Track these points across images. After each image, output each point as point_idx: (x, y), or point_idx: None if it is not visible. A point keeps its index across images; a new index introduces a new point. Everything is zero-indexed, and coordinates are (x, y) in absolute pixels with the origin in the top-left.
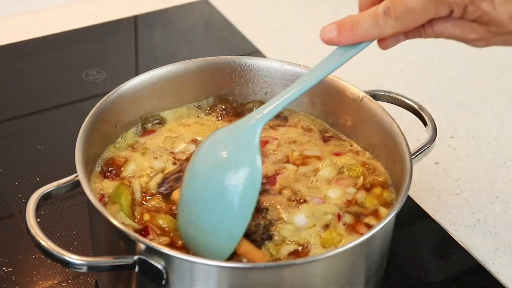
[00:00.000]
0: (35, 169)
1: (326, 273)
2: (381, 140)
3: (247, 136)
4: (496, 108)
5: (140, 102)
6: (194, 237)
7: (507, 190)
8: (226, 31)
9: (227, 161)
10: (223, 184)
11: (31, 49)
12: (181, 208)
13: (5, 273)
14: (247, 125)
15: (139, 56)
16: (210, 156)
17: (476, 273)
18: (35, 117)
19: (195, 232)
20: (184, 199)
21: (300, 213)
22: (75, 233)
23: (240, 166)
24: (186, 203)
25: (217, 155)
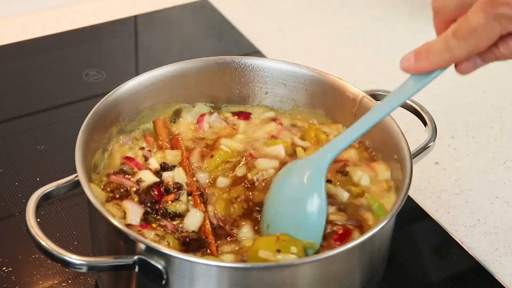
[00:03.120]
0: (35, 169)
1: (326, 273)
2: (381, 140)
3: (315, 170)
4: (496, 108)
5: (140, 102)
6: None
7: (507, 190)
8: (226, 31)
9: (296, 195)
10: (295, 215)
11: (31, 49)
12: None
13: (5, 273)
14: (315, 160)
15: (139, 56)
16: (283, 189)
17: (476, 273)
18: (35, 117)
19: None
20: (265, 226)
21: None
22: (75, 233)
23: (308, 199)
24: (267, 230)
25: (288, 189)
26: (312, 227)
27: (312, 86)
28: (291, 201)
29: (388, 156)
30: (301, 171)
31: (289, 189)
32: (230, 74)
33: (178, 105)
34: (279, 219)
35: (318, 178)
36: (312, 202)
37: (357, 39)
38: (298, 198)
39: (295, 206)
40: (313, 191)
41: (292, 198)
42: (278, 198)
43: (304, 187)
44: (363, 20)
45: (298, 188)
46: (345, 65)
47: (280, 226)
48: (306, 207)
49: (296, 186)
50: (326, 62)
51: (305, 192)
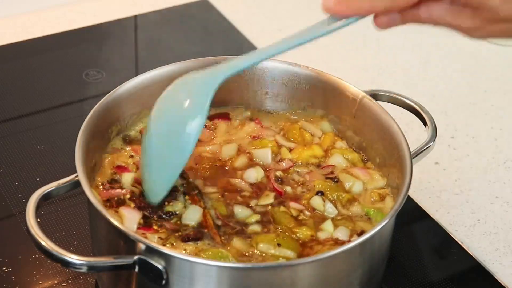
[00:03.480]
0: (35, 169)
1: (326, 273)
2: (381, 140)
3: (201, 90)
4: (496, 108)
5: (140, 102)
6: (145, 170)
7: (507, 190)
8: (226, 31)
9: (180, 109)
10: (173, 127)
11: (31, 49)
12: (143, 140)
13: (5, 273)
14: (205, 79)
15: (139, 56)
16: (169, 101)
17: (476, 273)
18: (35, 117)
19: (147, 165)
20: (145, 134)
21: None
22: (75, 233)
23: (189, 116)
24: (145, 137)
25: (174, 101)
26: (184, 146)
27: (312, 86)
28: (174, 114)
29: (388, 156)
30: (191, 85)
31: (175, 102)
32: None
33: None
34: (157, 129)
35: (204, 96)
36: (193, 121)
37: (357, 39)
38: (181, 113)
39: (176, 120)
40: (195, 113)
41: (174, 112)
42: (162, 108)
43: (189, 104)
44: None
45: (183, 103)
46: (345, 65)
47: (159, 135)
48: (186, 123)
49: (182, 100)
50: (326, 62)
51: (188, 109)
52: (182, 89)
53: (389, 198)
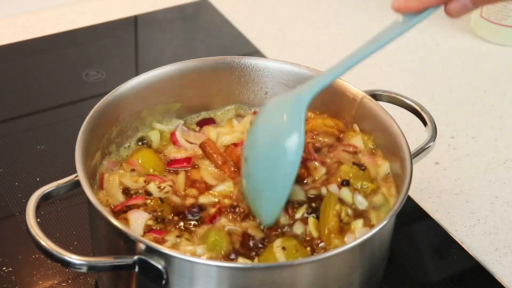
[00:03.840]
0: (35, 169)
1: (326, 273)
2: (381, 140)
3: (295, 107)
4: (496, 108)
5: (140, 102)
6: (250, 194)
7: (507, 190)
8: (226, 31)
9: (276, 129)
10: (273, 149)
11: (31, 49)
12: (243, 168)
13: (5, 273)
14: (295, 98)
15: (139, 56)
16: (264, 124)
17: (476, 273)
18: (35, 117)
19: (251, 190)
20: (244, 158)
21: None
22: (75, 233)
23: (287, 134)
24: (245, 163)
25: (268, 123)
26: (288, 164)
27: None
28: (270, 136)
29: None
30: (282, 107)
31: (270, 124)
32: (230, 74)
33: (178, 105)
34: (257, 153)
35: (298, 115)
36: (291, 139)
37: (357, 39)
38: (277, 134)
39: (274, 141)
40: (292, 128)
41: (271, 133)
42: (259, 132)
43: (284, 124)
44: (363, 20)
45: (278, 124)
46: None
47: (258, 160)
48: (284, 143)
49: (276, 122)
50: (326, 62)
51: (284, 129)
52: (275, 112)
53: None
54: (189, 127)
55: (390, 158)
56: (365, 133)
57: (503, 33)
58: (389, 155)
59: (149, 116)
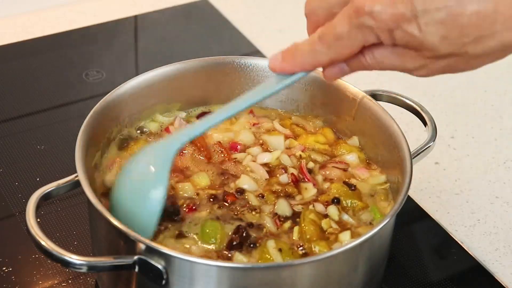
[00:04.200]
0: (35, 169)
1: (326, 273)
2: (381, 140)
3: (162, 158)
4: (496, 108)
5: (140, 102)
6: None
7: (507, 190)
8: (226, 31)
9: (142, 183)
10: (137, 197)
11: (31, 49)
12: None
13: (5, 273)
14: (162, 147)
15: (139, 56)
16: (131, 175)
17: (476, 273)
18: (35, 117)
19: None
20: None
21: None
22: (75, 233)
23: (152, 188)
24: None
25: (137, 172)
26: (150, 213)
27: (312, 86)
28: (137, 187)
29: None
30: (149, 158)
31: (136, 173)
32: (230, 74)
33: (178, 105)
34: (124, 200)
35: (164, 166)
36: (155, 192)
37: None
38: (142, 183)
39: (140, 192)
40: (157, 181)
41: (137, 184)
42: (126, 182)
43: (150, 174)
44: None
45: (144, 174)
46: None
47: (124, 206)
48: (150, 195)
49: (143, 171)
50: None
51: (149, 179)
52: (143, 162)
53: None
54: (189, 120)
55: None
56: (361, 143)
57: None
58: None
59: (149, 116)
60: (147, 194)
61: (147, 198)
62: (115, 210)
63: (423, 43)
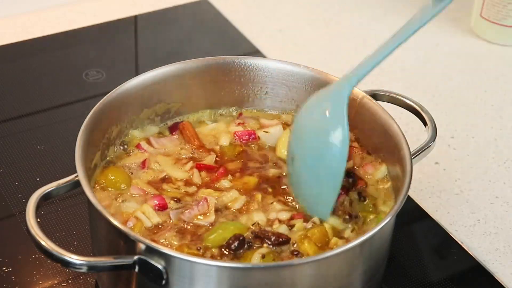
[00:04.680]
0: (35, 169)
1: (326, 273)
2: (381, 140)
3: (336, 101)
4: (496, 108)
5: (140, 102)
6: (300, 191)
7: (507, 190)
8: (226, 31)
9: (319, 126)
10: (319, 146)
11: (31, 49)
12: (288, 166)
13: (5, 273)
14: (335, 91)
15: (139, 56)
16: (306, 121)
17: (476, 273)
18: (35, 117)
19: (301, 188)
20: (289, 159)
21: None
22: (75, 233)
23: (331, 129)
24: (291, 162)
25: (311, 120)
26: (336, 158)
27: (312, 86)
28: (314, 133)
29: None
30: (323, 102)
31: (312, 121)
32: (230, 74)
33: (178, 105)
34: (303, 152)
35: (339, 109)
36: (335, 134)
37: (357, 39)
38: (321, 130)
39: (319, 138)
40: (336, 123)
41: (315, 130)
42: (302, 130)
43: (326, 119)
44: (363, 20)
45: (321, 121)
46: (345, 65)
47: (305, 158)
48: (329, 138)
49: (319, 118)
50: (326, 62)
51: (327, 124)
52: (316, 109)
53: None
54: (163, 133)
55: (389, 158)
56: (361, 143)
57: (503, 33)
58: (388, 155)
59: (149, 116)
60: (328, 140)
61: (329, 146)
62: (298, 169)
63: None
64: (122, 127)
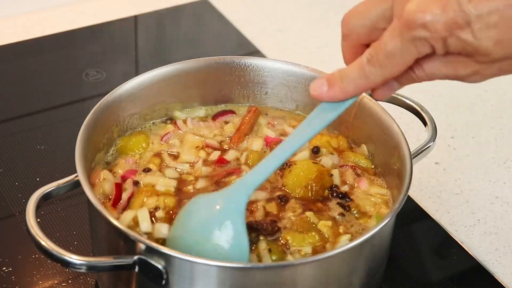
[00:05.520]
0: (35, 169)
1: (326, 273)
2: (381, 140)
3: (234, 211)
4: (496, 108)
5: (140, 102)
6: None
7: (507, 190)
8: (226, 31)
9: (216, 239)
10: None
11: (31, 49)
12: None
13: (5, 273)
14: (232, 196)
15: (139, 56)
16: (194, 222)
17: (476, 273)
18: (35, 117)
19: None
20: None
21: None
22: (75, 233)
23: (227, 240)
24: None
25: (201, 225)
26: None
27: None
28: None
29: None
30: (213, 205)
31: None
32: (230, 74)
33: (178, 105)
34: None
35: (235, 216)
36: (234, 249)
37: None
38: (215, 242)
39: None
40: (235, 238)
41: (207, 239)
42: (188, 236)
43: (221, 235)
44: None
45: (214, 236)
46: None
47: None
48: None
49: (210, 230)
50: (326, 62)
51: (223, 239)
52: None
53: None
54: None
55: (389, 158)
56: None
57: None
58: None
59: (149, 116)
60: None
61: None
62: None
63: (478, 49)
64: (122, 127)
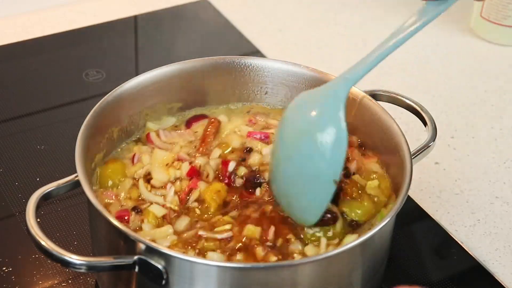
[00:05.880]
0: (35, 169)
1: (326, 273)
2: (381, 140)
3: (332, 101)
4: (496, 108)
5: (140, 102)
6: (285, 198)
7: (507, 190)
8: (226, 31)
9: (312, 128)
10: (311, 148)
11: (31, 49)
12: (273, 170)
13: (5, 273)
14: (331, 90)
15: (139, 56)
16: (297, 121)
17: (476, 273)
18: (35, 117)
19: (286, 194)
20: (275, 163)
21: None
22: (75, 233)
23: (326, 130)
24: (277, 166)
25: (303, 120)
26: (330, 163)
27: (312, 86)
28: (306, 136)
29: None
30: (316, 103)
31: (304, 122)
32: (230, 74)
33: (178, 105)
34: (292, 156)
35: (335, 110)
36: (330, 137)
37: (357, 39)
38: (315, 132)
39: (311, 141)
40: (331, 124)
41: (307, 132)
42: (292, 132)
43: (321, 121)
44: (363, 20)
45: (315, 122)
46: (345, 65)
47: (294, 163)
48: (324, 142)
49: (311, 119)
50: (326, 62)
51: (322, 126)
52: (307, 105)
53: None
54: (180, 126)
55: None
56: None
57: (503, 33)
58: (388, 155)
59: (149, 116)
60: (325, 144)
61: (326, 149)
62: (287, 172)
63: None
64: (122, 127)
